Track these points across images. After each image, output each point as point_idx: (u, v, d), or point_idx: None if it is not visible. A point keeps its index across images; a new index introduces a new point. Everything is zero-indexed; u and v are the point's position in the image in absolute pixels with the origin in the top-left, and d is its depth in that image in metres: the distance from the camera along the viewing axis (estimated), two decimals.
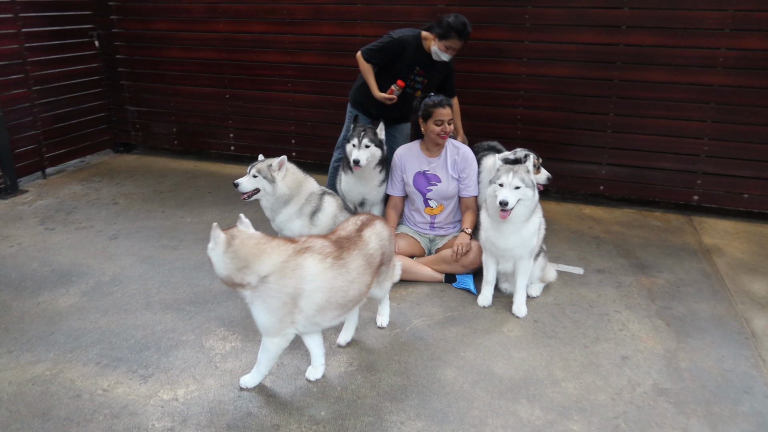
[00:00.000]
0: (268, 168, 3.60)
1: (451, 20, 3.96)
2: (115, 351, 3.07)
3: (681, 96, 4.78)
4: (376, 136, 3.98)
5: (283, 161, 3.63)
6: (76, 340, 3.16)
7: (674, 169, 4.99)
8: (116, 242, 4.41)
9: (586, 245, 4.45)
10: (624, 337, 3.26)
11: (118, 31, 6.43)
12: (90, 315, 3.41)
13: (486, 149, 4.07)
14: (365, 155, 3.90)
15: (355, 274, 2.65)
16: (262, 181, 3.60)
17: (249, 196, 3.65)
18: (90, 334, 3.22)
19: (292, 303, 2.50)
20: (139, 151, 6.98)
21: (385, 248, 2.89)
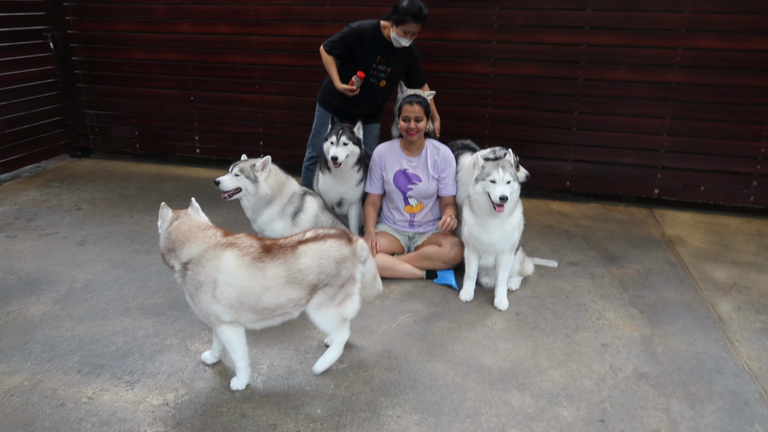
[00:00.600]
0: (251, 168, 3.57)
1: (405, 5, 4.00)
2: (96, 358, 2.98)
3: (641, 94, 5.00)
4: (354, 135, 4.00)
5: (267, 161, 3.60)
6: (53, 349, 3.05)
7: (636, 164, 5.20)
8: (85, 248, 4.28)
9: (558, 239, 4.59)
10: (602, 326, 3.38)
11: (74, 33, 6.23)
12: (65, 323, 3.30)
13: (461, 148, 4.14)
14: (343, 152, 3.91)
15: (272, 282, 2.55)
16: (245, 180, 3.56)
17: (230, 195, 3.61)
18: (67, 342, 3.12)
19: (209, 292, 2.55)
20: (97, 155, 6.76)
21: (328, 270, 2.63)
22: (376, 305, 3.52)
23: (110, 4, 6.01)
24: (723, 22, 4.70)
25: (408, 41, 4.13)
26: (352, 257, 2.73)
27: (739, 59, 4.76)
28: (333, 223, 3.85)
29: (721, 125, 4.93)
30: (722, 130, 4.94)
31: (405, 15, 3.99)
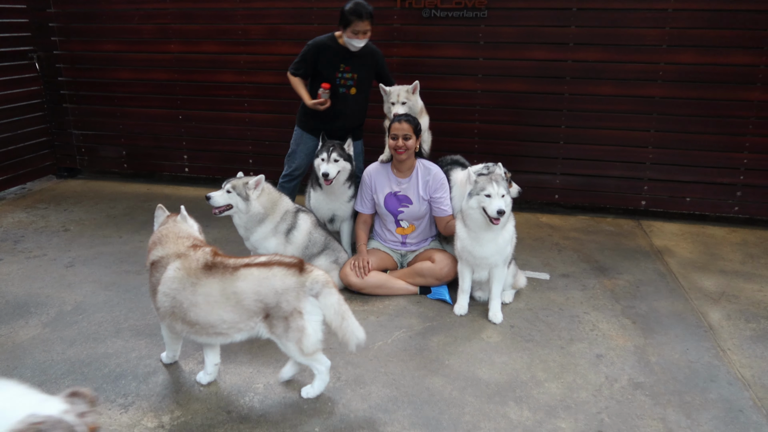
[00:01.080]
0: (243, 185, 3.57)
1: (347, 7, 4.07)
2: (88, 381, 2.94)
3: (626, 108, 5.09)
4: (345, 151, 4.02)
5: (261, 180, 3.61)
6: (44, 373, 3.01)
7: (623, 176, 5.28)
8: (73, 270, 4.23)
9: (548, 252, 4.63)
10: (596, 337, 3.41)
11: (60, 53, 6.21)
12: (56, 346, 3.25)
13: (450, 163, 4.17)
14: (334, 169, 3.92)
15: (201, 298, 2.56)
16: (236, 198, 3.57)
17: (220, 211, 3.61)
18: (58, 365, 3.07)
19: (153, 296, 2.73)
20: (84, 175, 6.72)
21: (267, 299, 2.55)
22: (372, 321, 3.52)
23: (97, 25, 6.02)
24: (703, 37, 4.82)
25: (361, 41, 4.13)
26: (298, 289, 2.55)
27: (719, 73, 4.88)
28: (326, 240, 3.86)
29: (705, 137, 5.04)
30: (706, 142, 5.05)
31: (348, 16, 4.05)
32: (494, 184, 3.31)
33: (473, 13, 5.10)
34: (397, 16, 5.27)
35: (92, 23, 6.03)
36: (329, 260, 3.86)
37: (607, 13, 4.91)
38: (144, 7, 5.83)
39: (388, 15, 5.28)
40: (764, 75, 4.80)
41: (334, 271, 3.85)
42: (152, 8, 5.81)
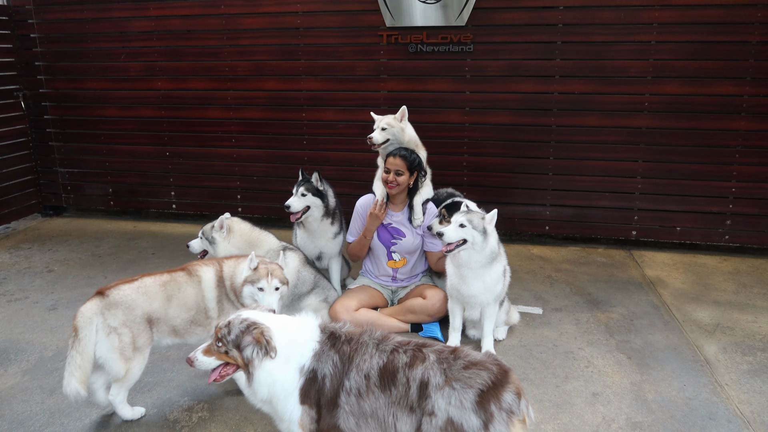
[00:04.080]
0: (210, 229, 3.54)
1: None
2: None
3: (613, 138, 5.12)
4: (312, 185, 3.94)
5: (221, 221, 3.57)
6: (22, 425, 2.89)
7: (612, 206, 5.28)
8: (56, 313, 4.13)
9: (540, 284, 4.59)
10: (591, 374, 3.34)
11: (46, 92, 6.19)
12: (35, 395, 3.14)
13: (446, 197, 4.15)
14: (298, 203, 3.86)
15: None
16: (206, 242, 3.53)
17: (201, 256, 3.55)
18: (37, 416, 2.96)
19: None
20: (70, 213, 6.64)
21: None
22: None
23: (83, 63, 6.02)
24: (686, 68, 4.89)
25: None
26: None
27: (704, 103, 4.93)
28: (315, 278, 3.79)
29: (693, 167, 5.06)
30: (694, 171, 5.07)
31: None
32: (458, 215, 3.30)
33: (459, 47, 5.14)
34: (383, 51, 5.30)
35: (78, 62, 6.03)
36: (319, 299, 3.79)
37: (591, 46, 4.97)
38: (130, 46, 5.85)
39: (375, 50, 5.31)
40: (748, 104, 4.86)
41: (324, 309, 3.78)
42: (139, 46, 5.83)
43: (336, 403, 2.15)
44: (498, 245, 3.43)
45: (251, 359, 2.14)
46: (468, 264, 3.33)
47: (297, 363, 2.18)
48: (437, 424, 2.03)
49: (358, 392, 2.14)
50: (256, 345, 2.13)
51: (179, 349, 3.57)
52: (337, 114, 5.58)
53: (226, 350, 2.17)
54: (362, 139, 5.40)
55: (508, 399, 2.04)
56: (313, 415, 2.18)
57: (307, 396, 2.16)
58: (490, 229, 3.31)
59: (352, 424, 2.14)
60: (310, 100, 5.60)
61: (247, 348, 2.13)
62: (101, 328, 2.72)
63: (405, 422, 2.10)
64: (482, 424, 2.00)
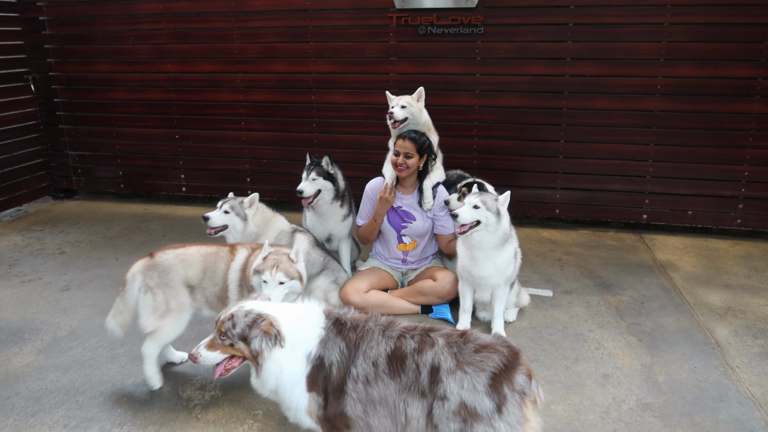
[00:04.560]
0: (240, 205, 3.54)
1: None
2: (83, 410, 2.87)
3: (625, 121, 5.07)
4: (323, 169, 3.95)
5: (255, 199, 3.59)
6: (38, 402, 2.93)
7: (623, 190, 5.25)
8: (69, 294, 4.16)
9: (550, 267, 4.58)
10: (602, 356, 3.34)
11: (56, 74, 6.19)
12: (50, 374, 3.18)
13: (456, 179, 4.13)
14: (311, 187, 3.88)
15: None
16: (234, 218, 3.54)
17: (216, 231, 3.56)
18: (52, 394, 3.00)
19: None
20: (80, 196, 6.67)
21: None
22: None
23: (93, 46, 6.01)
24: (700, 50, 4.82)
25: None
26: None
27: (717, 86, 4.86)
28: (325, 260, 3.80)
29: (705, 150, 5.01)
30: (706, 154, 5.02)
31: None
32: (472, 196, 3.31)
33: (469, 29, 5.09)
34: (393, 34, 5.26)
35: (87, 44, 6.02)
36: (329, 280, 3.80)
37: (603, 28, 4.90)
38: (139, 28, 5.83)
39: (384, 32, 5.27)
40: (762, 87, 4.79)
41: (334, 291, 3.79)
42: (147, 29, 5.81)
43: (343, 390, 2.15)
44: (510, 227, 3.42)
45: (260, 351, 2.11)
46: (480, 245, 3.32)
47: (303, 350, 2.17)
48: (450, 408, 2.03)
49: (366, 379, 2.14)
50: (265, 336, 2.11)
51: (191, 330, 3.59)
52: (347, 96, 5.55)
53: (231, 343, 2.14)
54: (372, 122, 5.42)
55: (520, 380, 2.05)
56: (321, 401, 2.18)
57: (315, 383, 2.16)
58: (503, 210, 3.30)
59: (359, 411, 2.14)
60: (319, 82, 5.57)
61: (254, 340, 2.10)
62: (141, 286, 2.95)
63: (416, 407, 2.10)
64: (495, 406, 2.00)
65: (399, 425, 2.12)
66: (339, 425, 2.17)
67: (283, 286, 2.79)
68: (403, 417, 2.11)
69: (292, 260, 2.85)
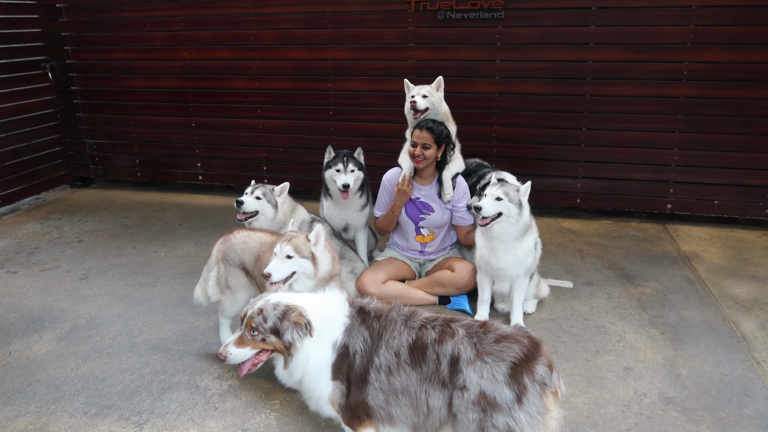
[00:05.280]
0: (271, 192, 3.60)
1: None
2: (102, 398, 2.93)
3: (649, 108, 4.99)
4: (357, 160, 4.00)
5: (285, 188, 3.66)
6: (58, 390, 3.00)
7: (647, 179, 5.18)
8: (87, 282, 4.23)
9: (571, 258, 4.55)
10: (623, 348, 3.32)
11: (73, 62, 6.26)
12: (69, 362, 3.25)
13: (475, 168, 4.11)
14: (352, 179, 3.90)
15: None
16: (266, 204, 3.58)
17: (247, 217, 3.58)
18: (72, 382, 3.06)
19: None
20: (98, 185, 6.76)
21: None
22: None
23: (109, 33, 6.05)
24: (729, 34, 4.71)
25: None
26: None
27: (746, 71, 4.76)
28: (341, 250, 3.81)
29: (732, 138, 4.92)
30: (733, 142, 4.92)
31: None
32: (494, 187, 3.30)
33: (489, 14, 5.03)
34: (411, 19, 5.22)
35: (104, 32, 6.07)
36: (345, 270, 3.82)
37: (628, 12, 4.81)
38: (155, 15, 5.86)
39: (402, 18, 5.23)
40: None
41: (351, 281, 3.80)
42: (163, 16, 5.83)
43: (365, 379, 2.17)
44: (530, 218, 3.40)
45: (292, 342, 2.14)
46: (500, 236, 3.31)
47: (330, 338, 2.19)
48: (469, 398, 2.04)
49: (389, 369, 2.15)
50: (296, 327, 2.13)
51: (209, 318, 3.65)
52: (364, 84, 5.54)
53: (263, 338, 2.15)
54: (389, 110, 5.40)
55: (541, 371, 2.04)
56: (344, 390, 2.20)
57: (339, 372, 2.19)
58: (524, 201, 3.29)
59: (381, 400, 2.16)
60: (336, 69, 5.56)
61: (287, 332, 2.13)
62: (216, 256, 3.19)
63: (437, 398, 2.12)
64: (515, 396, 2.00)
65: (421, 415, 2.14)
66: (360, 414, 2.19)
67: (291, 262, 2.73)
68: (425, 407, 2.13)
69: (308, 240, 2.82)
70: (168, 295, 4.00)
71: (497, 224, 3.27)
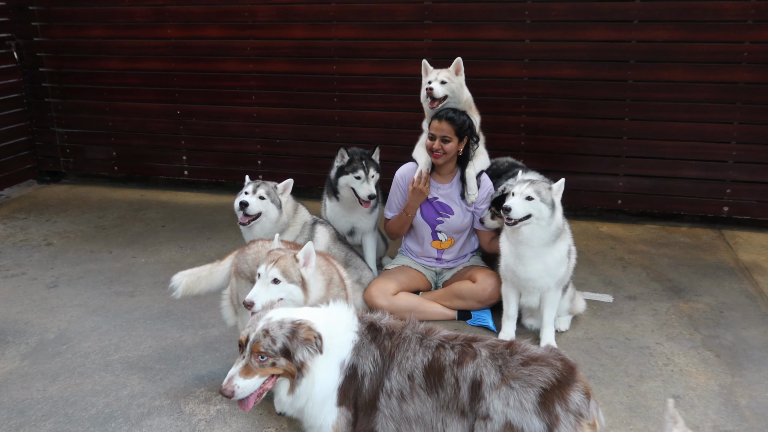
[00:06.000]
0: (274, 190, 3.61)
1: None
2: (73, 425, 2.95)
3: (703, 96, 4.98)
4: (376, 163, 4.06)
5: (288, 185, 3.66)
6: (22, 414, 3.02)
7: (700, 177, 5.16)
8: (57, 291, 4.27)
9: (611, 268, 4.54)
10: (671, 373, 3.30)
11: (42, 40, 6.33)
12: (36, 382, 3.27)
13: (507, 168, 4.10)
14: (374, 186, 3.98)
15: None
16: (269, 205, 3.57)
17: (250, 220, 3.56)
18: (39, 405, 3.09)
19: None
20: (69, 180, 6.83)
21: None
22: None
23: (83, 8, 6.12)
24: None
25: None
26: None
27: None
28: (347, 256, 3.83)
29: None
30: None
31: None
32: (524, 185, 3.29)
33: None
34: None
35: (77, 6, 6.13)
36: (351, 279, 3.79)
37: None
38: None
39: None
40: None
41: (358, 292, 3.81)
42: None
43: (374, 406, 2.17)
44: (563, 221, 3.40)
45: (304, 361, 2.12)
46: (529, 242, 3.30)
47: (337, 358, 2.18)
48: (493, 428, 2.03)
49: (401, 394, 2.15)
50: (306, 344, 2.12)
51: (195, 334, 3.67)
52: (374, 67, 5.56)
53: (273, 362, 2.12)
54: (402, 96, 5.41)
55: (576, 399, 2.03)
56: (350, 417, 2.20)
57: (346, 396, 2.18)
58: (557, 201, 3.28)
59: (391, 429, 2.15)
60: (342, 50, 5.59)
61: (298, 351, 2.11)
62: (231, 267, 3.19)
63: (455, 428, 2.11)
64: (546, 427, 1.99)
65: None
66: None
67: (277, 287, 2.65)
68: None
69: (297, 260, 2.73)
70: (148, 307, 4.03)
71: (525, 226, 3.27)
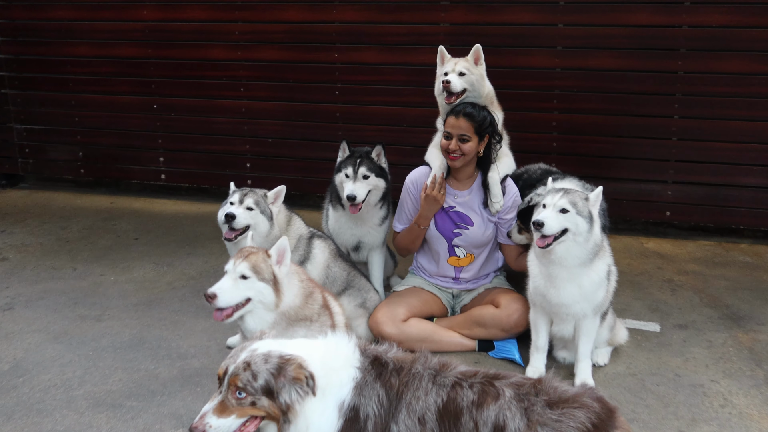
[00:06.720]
0: (264, 199, 3.61)
1: None
2: None
3: (766, 90, 4.97)
4: (375, 163, 3.98)
5: (281, 193, 3.66)
6: None
7: (762, 185, 5.15)
8: (12, 314, 4.28)
9: (657, 292, 4.53)
10: (729, 416, 3.28)
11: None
12: None
13: (540, 175, 4.10)
14: (363, 189, 3.88)
15: None
16: (259, 216, 3.57)
17: (237, 235, 3.57)
18: None
19: None
20: (28, 184, 6.87)
21: None
22: None
23: None
24: None
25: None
26: None
27: None
28: (349, 276, 3.83)
29: None
30: None
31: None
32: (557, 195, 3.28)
33: None
34: None
35: None
36: (354, 303, 3.82)
37: None
38: None
39: None
40: None
41: (362, 317, 3.81)
42: None
43: None
44: (602, 236, 3.38)
45: (290, 404, 2.10)
46: (563, 261, 3.28)
47: (335, 398, 2.17)
48: None
49: None
50: (294, 383, 2.10)
51: (171, 365, 3.67)
52: (381, 55, 5.59)
53: (253, 401, 2.10)
54: (414, 89, 5.41)
55: None
56: None
57: None
58: (595, 213, 3.26)
59: None
60: (344, 35, 5.62)
61: (283, 391, 2.09)
62: None
63: None
64: None
65: None
66: None
67: (245, 284, 2.80)
68: None
69: (269, 256, 2.87)
70: (118, 333, 4.03)
71: (560, 244, 3.25)
